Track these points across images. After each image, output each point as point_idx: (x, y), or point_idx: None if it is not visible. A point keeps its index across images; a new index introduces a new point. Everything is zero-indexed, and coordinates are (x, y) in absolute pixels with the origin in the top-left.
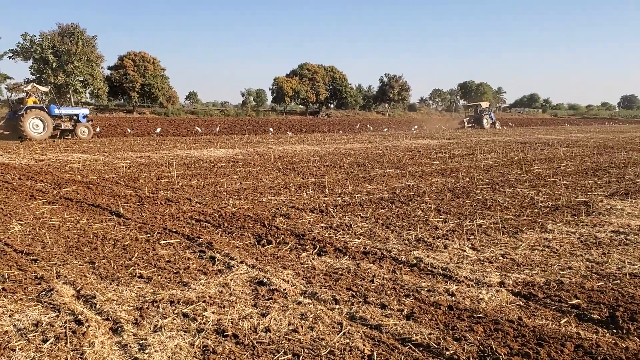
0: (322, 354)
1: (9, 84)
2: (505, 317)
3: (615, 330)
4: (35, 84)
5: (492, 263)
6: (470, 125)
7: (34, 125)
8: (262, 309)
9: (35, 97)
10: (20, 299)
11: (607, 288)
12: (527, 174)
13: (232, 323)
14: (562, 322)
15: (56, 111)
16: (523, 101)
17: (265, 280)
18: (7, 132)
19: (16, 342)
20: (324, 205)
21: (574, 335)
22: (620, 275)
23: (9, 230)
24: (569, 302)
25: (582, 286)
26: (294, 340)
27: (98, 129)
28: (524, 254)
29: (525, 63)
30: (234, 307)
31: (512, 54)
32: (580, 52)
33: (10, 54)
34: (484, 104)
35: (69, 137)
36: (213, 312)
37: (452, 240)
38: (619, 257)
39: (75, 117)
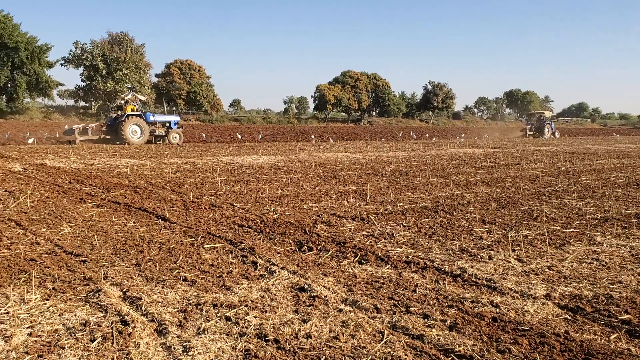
0: None
1: (60, 90)
2: (552, 331)
3: None
4: (134, 93)
5: (538, 275)
6: (531, 133)
7: (133, 131)
8: (303, 315)
9: (134, 105)
10: (70, 299)
11: None
12: (575, 184)
13: (273, 328)
14: (611, 337)
15: (151, 118)
16: (571, 110)
17: (306, 286)
18: (109, 137)
19: (65, 340)
20: (365, 213)
21: (624, 351)
22: None
23: (60, 232)
24: (619, 317)
25: (633, 301)
26: (335, 348)
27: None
28: (572, 266)
29: (573, 71)
30: (276, 312)
31: (560, 62)
32: (632, 59)
33: (62, 62)
34: (547, 114)
35: (161, 142)
36: (255, 317)
37: (497, 251)
38: None
39: (167, 124)
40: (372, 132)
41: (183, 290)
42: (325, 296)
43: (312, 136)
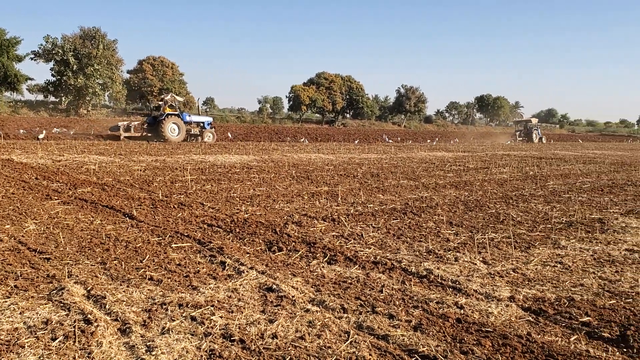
0: None
1: (29, 84)
2: (514, 332)
3: (625, 349)
4: (173, 94)
5: (502, 277)
6: (520, 139)
7: (172, 130)
8: (270, 315)
9: (176, 106)
10: (32, 297)
11: (619, 306)
12: (541, 189)
13: (239, 328)
14: (571, 339)
15: (187, 118)
16: (540, 116)
17: (274, 286)
18: (150, 134)
19: (25, 339)
20: (336, 214)
21: (583, 352)
22: (633, 294)
23: (24, 228)
24: (580, 320)
25: (593, 304)
26: (300, 348)
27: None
28: (536, 269)
29: (543, 78)
30: (242, 313)
31: (530, 68)
32: (599, 68)
33: (32, 56)
34: (534, 120)
35: (194, 140)
36: (221, 317)
37: (463, 253)
38: (632, 276)
39: (201, 124)
40: (346, 134)
41: (148, 289)
42: (293, 296)
43: (288, 138)
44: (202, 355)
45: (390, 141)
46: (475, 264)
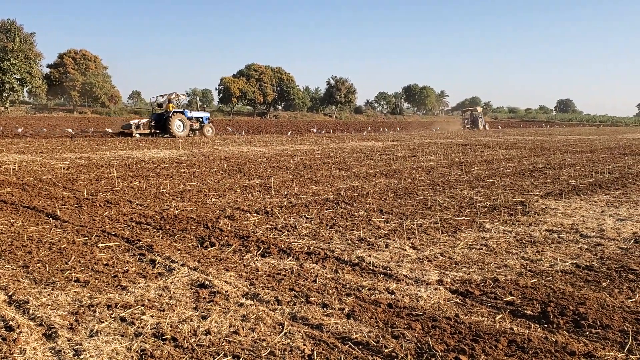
0: (263, 355)
1: None
2: (443, 315)
3: (546, 325)
4: (177, 93)
5: (431, 261)
6: (468, 126)
7: (178, 126)
8: (203, 312)
9: (175, 103)
10: None
11: (540, 285)
12: (466, 175)
13: (171, 326)
14: (497, 318)
15: (189, 114)
16: (465, 104)
17: (207, 282)
18: (158, 131)
19: None
20: (269, 206)
21: (507, 330)
22: (553, 272)
23: None
24: (504, 299)
25: (516, 283)
26: (235, 342)
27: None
28: (462, 252)
29: (467, 67)
30: (174, 311)
31: (454, 58)
32: (519, 56)
33: None
34: (479, 109)
35: (192, 135)
36: (152, 316)
37: (393, 240)
38: (552, 255)
39: (200, 119)
40: (278, 126)
41: (75, 291)
42: (226, 291)
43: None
44: (132, 356)
45: (322, 132)
46: (405, 250)
